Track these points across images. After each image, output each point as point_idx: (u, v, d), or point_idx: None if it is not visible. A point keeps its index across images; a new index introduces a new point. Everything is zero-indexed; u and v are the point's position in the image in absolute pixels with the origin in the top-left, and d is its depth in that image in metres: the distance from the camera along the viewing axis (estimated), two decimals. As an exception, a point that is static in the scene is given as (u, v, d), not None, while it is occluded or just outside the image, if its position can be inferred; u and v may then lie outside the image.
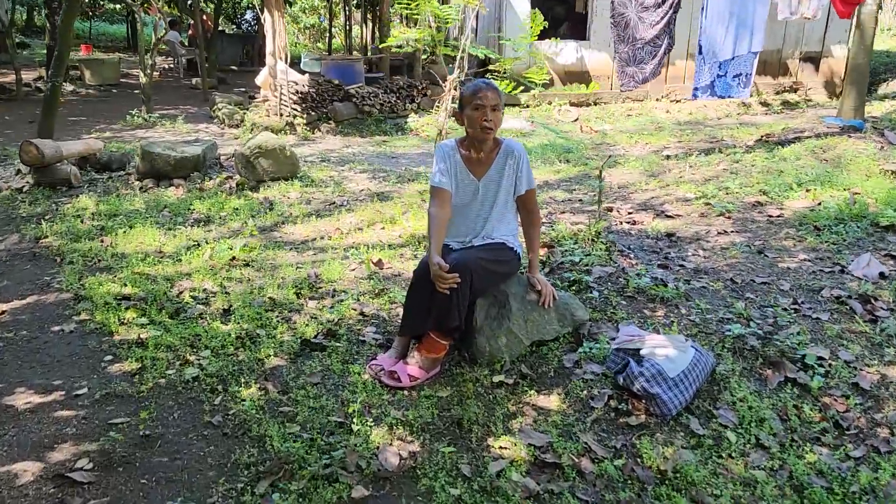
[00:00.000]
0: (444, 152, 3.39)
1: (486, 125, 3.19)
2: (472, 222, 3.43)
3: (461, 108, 3.32)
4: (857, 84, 8.62)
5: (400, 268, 4.86)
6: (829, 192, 5.85)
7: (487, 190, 3.37)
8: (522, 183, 3.35)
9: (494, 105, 3.19)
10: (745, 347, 3.28)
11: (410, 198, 6.58)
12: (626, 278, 3.98)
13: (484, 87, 3.22)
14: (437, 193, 3.34)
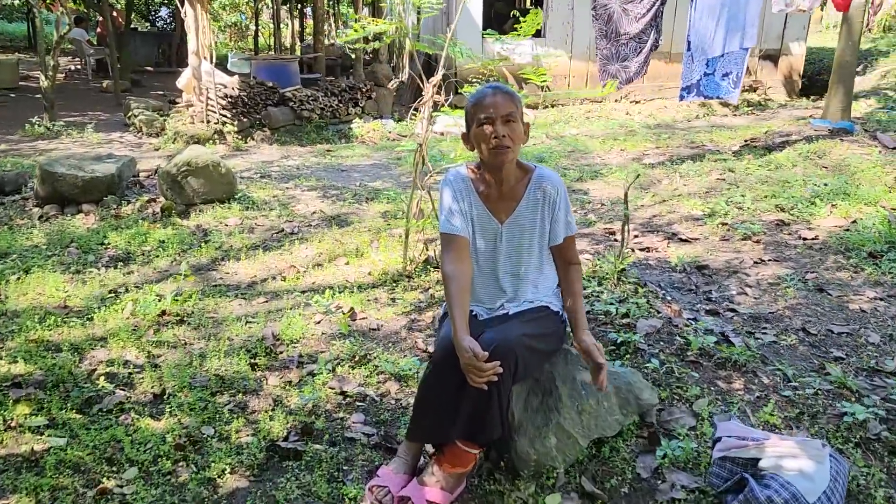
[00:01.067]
0: (455, 185, 2.51)
1: (499, 143, 2.33)
2: (499, 281, 2.56)
3: (467, 128, 2.46)
4: (845, 83, 8.18)
5: (377, 318, 3.95)
6: (856, 207, 5.26)
7: (513, 237, 2.51)
8: (559, 227, 2.49)
9: (507, 114, 2.33)
10: (871, 437, 2.52)
11: (373, 222, 5.66)
12: (681, 334, 3.19)
13: (489, 92, 2.37)
14: (450, 243, 2.46)
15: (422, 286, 4.40)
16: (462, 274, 2.38)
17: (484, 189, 2.49)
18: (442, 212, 2.50)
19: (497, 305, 2.57)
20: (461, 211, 2.48)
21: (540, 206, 2.46)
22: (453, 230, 2.45)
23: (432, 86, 4.06)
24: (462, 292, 2.34)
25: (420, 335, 3.77)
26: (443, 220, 2.49)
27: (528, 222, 2.48)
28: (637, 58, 7.08)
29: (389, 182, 7.48)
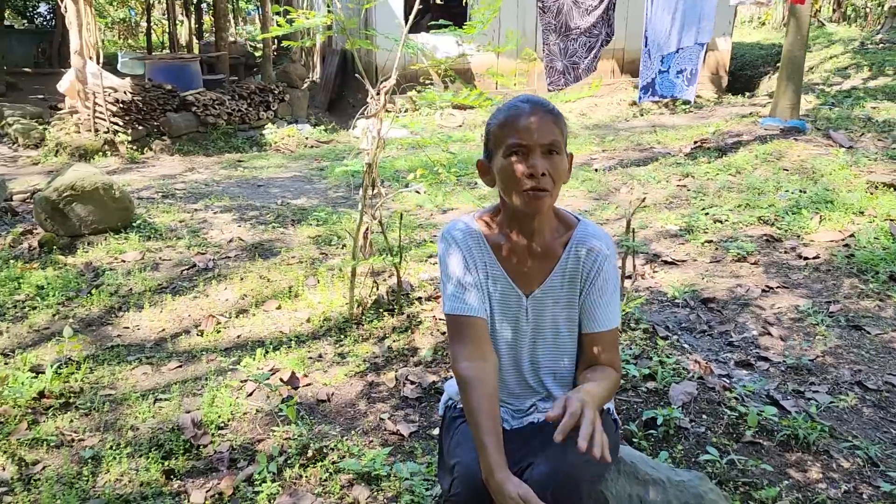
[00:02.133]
0: (463, 246, 1.77)
1: (537, 186, 1.60)
2: (524, 375, 1.84)
3: (487, 155, 1.72)
4: (794, 80, 7.91)
5: (325, 383, 3.18)
6: (846, 217, 4.84)
7: (543, 315, 1.79)
8: (597, 311, 1.73)
9: (550, 143, 1.61)
10: None
11: (304, 250, 4.84)
12: (724, 402, 2.57)
13: (526, 109, 1.63)
14: (463, 329, 1.73)
15: (374, 334, 3.65)
16: (486, 375, 1.65)
17: (505, 248, 1.76)
18: (446, 284, 1.76)
19: (528, 407, 1.85)
20: (475, 282, 1.75)
21: (579, 272, 1.75)
22: (467, 310, 1.72)
23: (384, 92, 3.30)
24: (490, 403, 1.61)
25: (384, 407, 3.02)
26: (449, 297, 1.75)
27: (565, 296, 1.76)
28: (588, 55, 6.53)
29: (315, 198, 6.64)
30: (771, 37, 17.34)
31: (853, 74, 11.57)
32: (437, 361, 3.35)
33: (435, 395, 3.08)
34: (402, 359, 3.42)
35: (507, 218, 1.74)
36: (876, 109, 8.86)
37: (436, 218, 5.82)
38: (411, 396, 3.07)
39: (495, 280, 1.77)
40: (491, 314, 1.78)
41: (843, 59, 12.59)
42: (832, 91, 10.58)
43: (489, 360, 1.69)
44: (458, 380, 1.67)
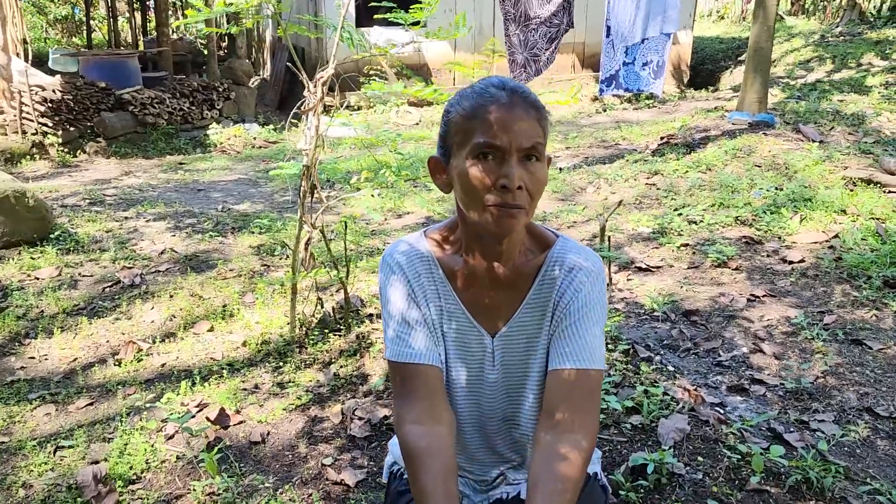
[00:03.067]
0: (408, 274, 1.38)
1: (509, 202, 1.21)
2: (490, 438, 1.46)
3: (444, 151, 1.32)
4: (761, 72, 7.67)
5: (261, 421, 2.78)
6: (827, 216, 4.57)
7: (513, 358, 1.40)
8: (572, 341, 1.31)
9: (531, 147, 1.22)
10: None
11: (244, 262, 4.39)
12: (721, 439, 2.22)
13: (502, 98, 1.22)
14: (409, 380, 1.34)
15: (319, 359, 3.24)
16: (440, 443, 1.26)
17: (463, 274, 1.37)
18: (388, 323, 1.37)
19: (494, 478, 1.46)
20: (424, 320, 1.36)
21: (554, 304, 1.35)
22: (414, 356, 1.32)
23: (321, 83, 2.89)
24: (446, 482, 1.21)
25: (327, 449, 2.62)
26: (391, 340, 1.35)
27: (541, 333, 1.37)
28: (549, 46, 6.19)
29: (260, 203, 6.18)
30: (730, 31, 17.31)
31: (816, 67, 11.48)
32: (390, 391, 2.95)
33: (387, 433, 2.68)
34: (350, 388, 3.02)
35: (466, 236, 1.35)
36: (843, 102, 8.71)
37: (389, 223, 5.43)
38: (359, 436, 2.67)
39: (451, 316, 1.38)
40: (446, 359, 1.39)
41: (804, 53, 12.52)
42: (797, 84, 10.45)
43: (444, 422, 1.30)
44: (405, 449, 1.27)
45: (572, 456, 1.20)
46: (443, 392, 1.34)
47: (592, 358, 1.29)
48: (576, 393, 1.27)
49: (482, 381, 1.40)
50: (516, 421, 1.42)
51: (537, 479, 1.19)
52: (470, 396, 1.41)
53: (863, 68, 10.81)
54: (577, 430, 1.23)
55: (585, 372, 1.28)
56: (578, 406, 1.26)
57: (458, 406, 1.40)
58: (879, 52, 11.33)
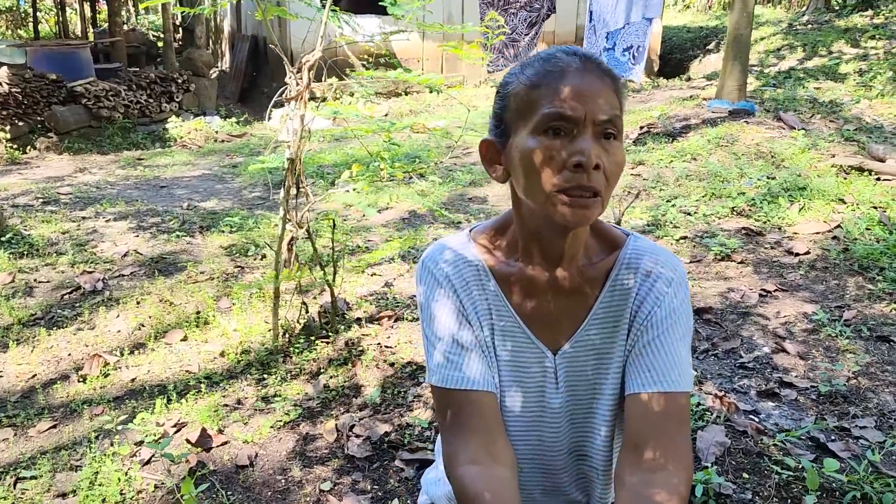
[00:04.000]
0: (456, 286, 1.16)
1: (583, 184, 0.99)
2: (555, 474, 1.25)
3: (501, 132, 1.09)
4: (740, 59, 7.60)
5: (245, 440, 2.54)
6: (827, 205, 4.46)
7: (580, 379, 1.19)
8: (655, 360, 1.10)
9: (609, 120, 1.01)
10: None
11: (216, 264, 4.12)
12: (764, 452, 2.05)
13: (576, 63, 1.02)
14: (460, 409, 1.12)
15: (306, 369, 3.00)
16: (503, 486, 1.05)
17: (520, 283, 1.15)
18: (433, 345, 1.15)
19: (558, 520, 1.25)
20: (477, 341, 1.14)
21: (630, 314, 1.15)
22: (467, 383, 1.11)
23: (308, 68, 2.63)
24: None
25: (324, 471, 2.39)
26: (439, 364, 1.13)
27: (611, 349, 1.16)
28: (529, 31, 5.99)
29: (228, 200, 5.87)
30: (697, 19, 17.36)
31: (788, 55, 11.51)
32: (389, 403, 2.73)
33: (389, 452, 2.45)
34: (344, 401, 2.78)
35: (522, 235, 1.13)
36: (819, 90, 8.70)
37: (368, 220, 5.18)
38: (359, 456, 2.44)
39: (505, 334, 1.16)
40: (500, 386, 1.17)
41: (775, 41, 12.56)
42: (771, 72, 10.45)
43: (505, 461, 1.09)
44: (461, 495, 1.05)
45: (668, 501, 0.99)
46: (501, 424, 1.13)
47: (681, 379, 1.09)
48: (664, 422, 1.06)
49: (544, 408, 1.18)
50: (585, 453, 1.21)
51: None
52: (530, 427, 1.19)
53: (834, 56, 10.86)
54: (670, 467, 1.03)
55: (674, 396, 1.08)
56: (669, 438, 1.06)
57: (515, 440, 1.18)
58: (849, 40, 11.39)
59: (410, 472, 2.35)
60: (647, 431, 1.06)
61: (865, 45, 10.93)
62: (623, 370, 1.15)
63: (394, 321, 3.31)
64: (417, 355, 2.99)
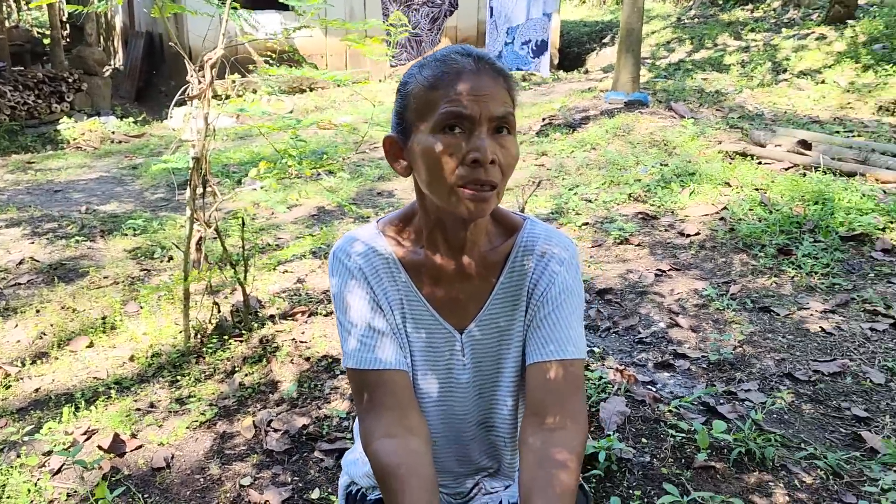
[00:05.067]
0: (368, 274, 1.23)
1: (483, 178, 1.08)
2: (466, 444, 1.32)
3: (402, 129, 1.16)
4: (633, 52, 7.95)
5: (160, 443, 2.52)
6: (714, 189, 4.76)
7: (485, 354, 1.28)
8: (552, 331, 1.20)
9: (503, 117, 1.10)
10: None
11: (121, 268, 4.01)
12: (661, 419, 2.21)
13: (470, 64, 1.10)
14: (375, 388, 1.18)
15: (221, 368, 2.99)
16: (419, 457, 1.13)
17: (427, 270, 1.23)
18: (347, 332, 1.20)
19: (470, 488, 1.34)
20: (389, 326, 1.21)
21: (528, 293, 1.25)
22: (380, 364, 1.17)
23: (210, 66, 2.63)
24: (430, 497, 1.08)
25: (243, 467, 2.40)
26: (354, 348, 1.19)
27: (512, 325, 1.26)
28: (430, 26, 6.07)
29: (129, 202, 5.70)
30: (592, 14, 17.90)
31: (677, 48, 12.06)
32: (306, 397, 2.76)
33: (308, 444, 2.49)
34: (260, 397, 2.79)
35: (427, 225, 1.21)
36: (706, 81, 9.18)
37: (278, 217, 5.15)
38: (278, 450, 2.46)
39: (416, 319, 1.24)
40: (413, 368, 1.25)
41: (665, 34, 13.13)
42: (662, 65, 10.93)
43: (419, 433, 1.16)
44: (378, 467, 1.12)
45: (567, 461, 1.09)
46: (414, 400, 1.20)
47: (575, 348, 1.19)
48: (562, 387, 1.16)
49: (453, 383, 1.26)
50: (492, 423, 1.29)
51: (532, 492, 1.07)
52: (441, 403, 1.27)
53: (719, 48, 11.46)
54: (568, 428, 1.13)
55: (570, 363, 1.18)
56: (566, 401, 1.16)
57: (428, 414, 1.26)
58: (732, 33, 12.05)
59: (330, 462, 2.39)
60: (546, 397, 1.16)
61: (747, 38, 11.59)
62: (523, 344, 1.24)
63: (308, 316, 3.33)
64: (332, 349, 3.03)
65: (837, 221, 3.89)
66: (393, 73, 11.97)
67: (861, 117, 7.28)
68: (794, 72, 9.57)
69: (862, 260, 3.60)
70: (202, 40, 3.02)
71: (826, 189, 4.31)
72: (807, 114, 7.53)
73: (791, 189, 4.47)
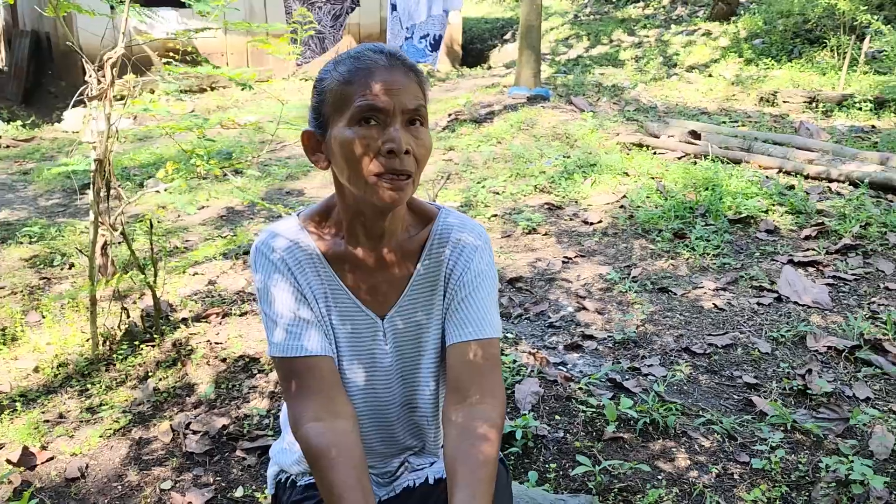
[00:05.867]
0: (293, 267, 1.26)
1: (399, 168, 1.14)
2: (391, 425, 1.38)
3: (319, 123, 1.21)
4: (533, 48, 8.16)
5: (73, 453, 2.47)
6: (614, 179, 4.98)
7: (405, 339, 1.33)
8: (468, 313, 1.27)
9: (415, 110, 1.16)
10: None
11: (18, 277, 3.85)
12: (573, 396, 2.33)
13: (383, 61, 1.16)
14: (302, 375, 1.22)
15: (133, 375, 2.93)
16: (347, 438, 1.18)
17: (348, 261, 1.28)
18: (275, 322, 1.23)
19: (397, 468, 1.39)
20: (313, 316, 1.25)
21: (445, 278, 1.31)
22: (306, 351, 1.21)
23: (111, 66, 2.57)
24: (360, 476, 1.14)
25: (163, 472, 2.37)
26: (280, 337, 1.22)
27: (431, 310, 1.32)
28: (332, 23, 6.05)
29: (23, 209, 5.44)
30: (493, 11, 18.19)
31: (575, 44, 12.44)
32: (224, 398, 2.74)
33: (230, 444, 2.48)
34: (177, 401, 2.75)
35: (346, 217, 1.25)
36: (604, 75, 9.53)
37: (184, 219, 5.03)
38: (198, 451, 2.44)
39: (340, 308, 1.28)
40: (339, 356, 1.29)
41: (563, 31, 13.51)
42: (561, 60, 11.26)
43: (346, 415, 1.21)
44: (308, 450, 1.16)
45: (487, 433, 1.17)
46: (340, 385, 1.25)
47: (492, 327, 1.27)
48: (480, 365, 1.24)
49: (376, 367, 1.32)
50: (415, 404, 1.36)
51: (456, 462, 1.14)
52: (366, 388, 1.32)
53: (614, 44, 11.90)
54: (488, 403, 1.21)
55: (487, 342, 1.26)
56: (485, 378, 1.23)
57: (354, 399, 1.31)
58: (626, 29, 12.53)
59: (253, 460, 2.39)
60: (466, 375, 1.23)
61: (640, 34, 12.09)
62: (442, 328, 1.31)
63: (221, 317, 3.30)
64: (249, 348, 3.01)
65: (726, 206, 4.16)
66: (297, 72, 11.82)
67: (745, 108, 7.74)
68: (683, 66, 10.06)
69: (748, 240, 3.87)
70: (97, 39, 2.90)
71: (715, 176, 4.59)
72: (696, 106, 7.95)
73: (684, 177, 4.74)
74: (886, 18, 8.65)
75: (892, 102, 7.13)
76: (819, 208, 4.22)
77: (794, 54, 9.54)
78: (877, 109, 7.12)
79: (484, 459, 1.14)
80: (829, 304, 3.10)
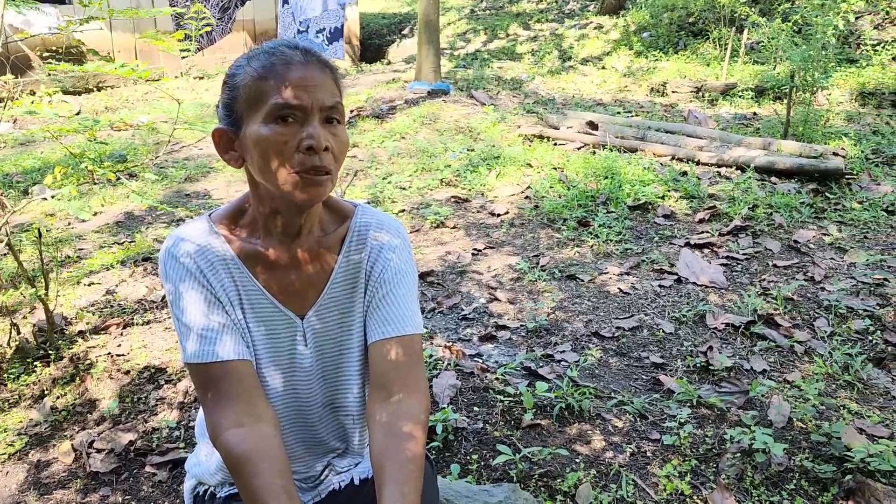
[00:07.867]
0: (206, 271, 1.20)
1: (318, 165, 1.11)
2: (313, 426, 1.34)
3: (232, 121, 1.16)
4: (433, 43, 8.18)
5: None
6: (518, 171, 5.05)
7: (326, 338, 1.30)
8: (389, 310, 1.26)
9: (333, 107, 1.13)
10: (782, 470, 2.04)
11: None
12: (490, 387, 2.36)
13: (298, 57, 1.12)
14: (219, 381, 1.17)
15: (26, 394, 2.76)
16: (270, 443, 1.14)
17: (264, 261, 1.23)
18: (186, 330, 1.17)
19: (321, 471, 1.36)
20: (228, 319, 1.20)
21: (365, 275, 1.29)
22: (222, 356, 1.16)
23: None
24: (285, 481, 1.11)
25: (66, 495, 2.24)
26: (195, 343, 1.16)
27: (351, 308, 1.29)
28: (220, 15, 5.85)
29: None
30: (390, 6, 18.12)
31: (473, 38, 12.54)
32: (129, 412, 2.61)
33: (137, 460, 2.36)
34: (77, 419, 2.60)
35: (262, 215, 1.21)
36: (502, 69, 9.66)
37: (75, 227, 4.76)
38: (104, 470, 2.32)
39: (256, 310, 1.23)
40: (257, 360, 1.25)
41: (461, 25, 13.59)
42: (460, 54, 11.33)
43: (267, 419, 1.17)
44: (228, 458, 1.11)
45: (413, 430, 1.16)
46: (260, 388, 1.20)
47: (412, 323, 1.26)
48: (403, 362, 1.22)
49: (296, 368, 1.28)
50: (340, 404, 1.33)
51: (383, 461, 1.12)
52: (286, 389, 1.28)
53: (511, 38, 12.08)
54: (412, 399, 1.20)
55: (409, 339, 1.25)
56: (408, 374, 1.22)
57: (274, 401, 1.27)
58: (521, 23, 12.74)
59: (164, 475, 2.29)
60: (389, 372, 1.21)
61: (535, 28, 12.31)
62: (364, 326, 1.29)
63: (122, 328, 3.14)
64: (154, 358, 2.88)
65: (625, 193, 4.29)
66: (190, 69, 11.39)
67: (637, 99, 8.03)
68: (578, 59, 10.33)
69: (647, 226, 4.02)
70: None
71: (613, 165, 4.73)
72: (592, 97, 8.18)
73: (584, 166, 4.86)
74: (762, 11, 9.15)
75: (771, 91, 7.57)
76: (710, 192, 4.42)
77: (679, 46, 9.96)
78: (757, 97, 7.55)
79: (411, 456, 1.12)
80: (725, 284, 3.26)
